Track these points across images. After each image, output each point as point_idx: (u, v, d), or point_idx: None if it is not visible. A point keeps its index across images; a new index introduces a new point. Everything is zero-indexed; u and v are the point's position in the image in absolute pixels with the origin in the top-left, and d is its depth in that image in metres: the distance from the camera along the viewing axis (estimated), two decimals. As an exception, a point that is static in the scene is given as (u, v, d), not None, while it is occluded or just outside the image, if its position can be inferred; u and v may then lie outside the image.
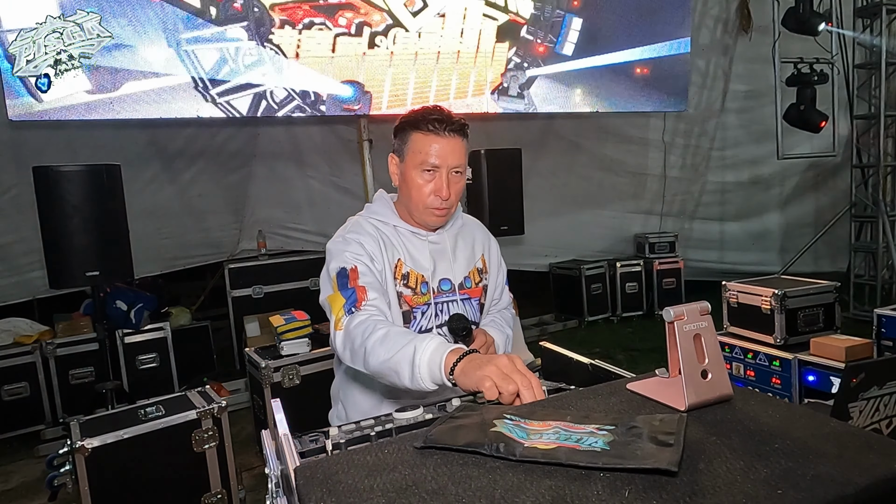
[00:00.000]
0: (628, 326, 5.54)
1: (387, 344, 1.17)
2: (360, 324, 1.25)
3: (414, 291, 1.44)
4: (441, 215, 1.44)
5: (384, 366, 1.17)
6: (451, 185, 1.41)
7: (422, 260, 1.46)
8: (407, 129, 1.41)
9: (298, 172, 5.02)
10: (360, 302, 1.29)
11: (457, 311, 1.47)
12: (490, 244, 1.64)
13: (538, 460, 0.65)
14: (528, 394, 0.95)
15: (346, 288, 1.31)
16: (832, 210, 5.92)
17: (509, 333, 1.61)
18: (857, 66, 5.41)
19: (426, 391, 1.13)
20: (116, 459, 2.11)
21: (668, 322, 0.80)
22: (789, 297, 2.74)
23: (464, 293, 1.51)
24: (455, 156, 1.39)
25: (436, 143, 1.37)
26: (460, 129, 1.40)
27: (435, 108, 1.41)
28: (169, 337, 4.01)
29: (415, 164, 1.39)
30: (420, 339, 1.13)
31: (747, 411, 0.78)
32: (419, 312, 1.44)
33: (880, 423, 1.33)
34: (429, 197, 1.40)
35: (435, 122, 1.37)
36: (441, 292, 1.47)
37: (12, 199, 3.94)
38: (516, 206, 4.32)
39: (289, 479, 0.72)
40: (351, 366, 1.29)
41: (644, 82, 4.98)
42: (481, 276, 1.56)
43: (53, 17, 3.06)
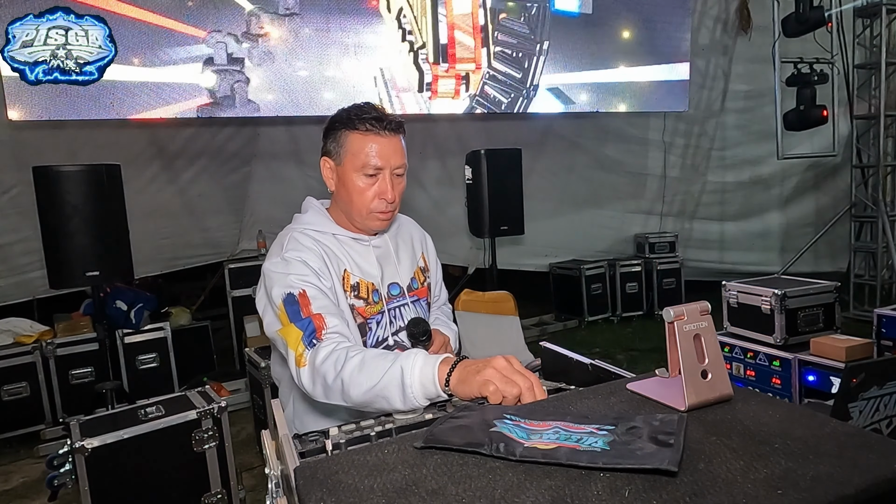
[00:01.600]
0: (628, 326, 5.54)
1: (366, 371, 1.08)
2: (327, 356, 1.14)
3: (366, 302, 1.36)
4: (386, 219, 1.38)
5: (370, 394, 1.08)
6: (395, 186, 1.34)
7: (368, 267, 1.39)
8: (341, 129, 1.34)
9: (298, 172, 5.01)
10: (320, 331, 1.17)
11: (410, 316, 1.42)
12: (426, 241, 1.59)
13: (538, 460, 0.65)
14: (530, 394, 0.94)
15: (299, 318, 1.19)
16: (832, 210, 5.92)
17: (455, 329, 1.58)
18: (857, 66, 5.41)
19: (419, 409, 1.06)
20: (116, 459, 2.10)
21: (668, 322, 0.80)
22: (789, 297, 2.74)
23: (413, 295, 1.46)
24: (397, 155, 1.33)
25: (375, 143, 1.30)
26: (398, 127, 1.34)
27: (369, 105, 1.34)
28: (169, 337, 4.00)
29: (355, 167, 1.32)
30: (404, 358, 1.07)
31: (747, 411, 0.78)
32: (374, 322, 1.37)
33: (880, 423, 1.33)
34: (373, 201, 1.33)
35: (373, 120, 1.30)
36: (392, 297, 1.41)
37: (12, 199, 3.94)
38: (516, 206, 4.32)
39: (289, 479, 0.72)
40: (325, 402, 1.17)
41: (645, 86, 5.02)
42: (425, 275, 1.52)
43: (65, 16, 3.06)
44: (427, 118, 4.69)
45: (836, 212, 5.71)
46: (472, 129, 5.33)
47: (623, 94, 5.05)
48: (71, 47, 3.07)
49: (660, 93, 5.20)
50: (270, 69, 3.82)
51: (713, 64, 5.79)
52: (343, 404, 1.14)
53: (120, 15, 3.21)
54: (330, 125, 1.37)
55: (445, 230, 5.13)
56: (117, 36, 3.19)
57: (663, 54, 5.14)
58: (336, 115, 1.37)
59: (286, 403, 1.47)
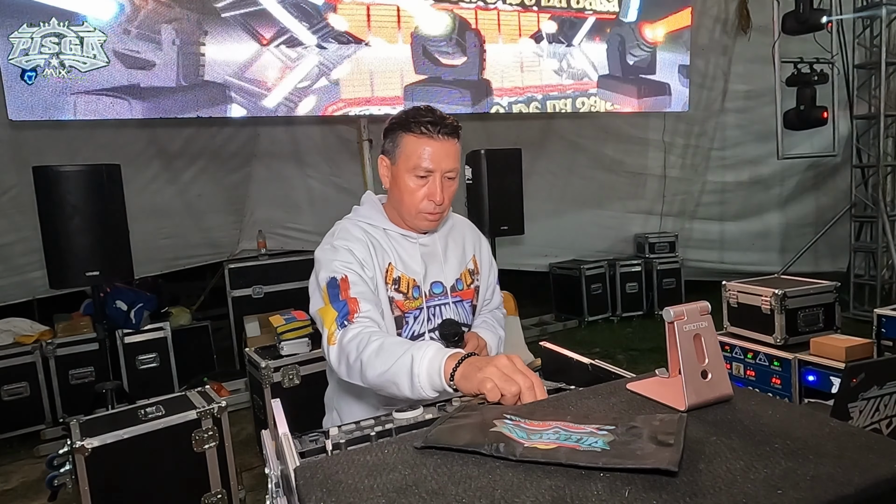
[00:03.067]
0: (628, 326, 5.54)
1: (382, 356, 1.15)
2: (353, 337, 1.22)
3: (405, 296, 1.41)
4: (434, 220, 1.42)
5: (382, 378, 1.15)
6: (445, 189, 1.37)
7: (412, 264, 1.44)
8: (398, 130, 1.37)
9: (298, 172, 5.02)
10: (353, 314, 1.26)
11: (449, 315, 1.46)
12: (481, 244, 1.61)
13: (538, 460, 0.65)
14: (530, 394, 0.94)
15: (337, 300, 1.28)
16: (832, 210, 5.92)
17: (501, 334, 1.60)
18: (857, 66, 5.41)
19: (427, 399, 1.11)
20: (116, 459, 2.10)
21: (668, 322, 0.80)
22: (789, 297, 2.74)
23: (456, 296, 1.49)
24: (449, 159, 1.36)
25: (428, 146, 1.34)
26: (454, 131, 1.37)
27: (427, 108, 1.37)
28: (169, 337, 4.00)
29: (407, 168, 1.35)
30: (417, 348, 1.11)
31: (747, 411, 0.78)
32: (411, 317, 1.42)
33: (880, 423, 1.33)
34: (422, 202, 1.37)
35: (428, 124, 1.33)
36: (433, 296, 1.45)
37: (12, 199, 3.94)
38: (516, 206, 4.32)
39: (289, 479, 0.72)
40: (347, 380, 1.26)
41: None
42: (473, 278, 1.54)
43: (58, 22, 3.07)
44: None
45: (836, 212, 5.71)
46: (471, 129, 5.33)
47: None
48: (64, 56, 3.09)
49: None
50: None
51: (713, 64, 5.78)
52: (362, 384, 1.22)
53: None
54: (389, 126, 1.40)
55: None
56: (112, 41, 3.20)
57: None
58: (395, 116, 1.41)
59: (330, 380, 1.58)
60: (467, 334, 1.47)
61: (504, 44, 4.37)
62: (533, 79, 4.52)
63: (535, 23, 4.48)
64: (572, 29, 4.64)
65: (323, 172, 5.03)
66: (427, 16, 4.05)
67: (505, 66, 4.38)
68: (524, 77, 4.48)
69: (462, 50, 4.20)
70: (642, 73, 4.99)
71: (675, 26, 5.11)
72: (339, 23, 3.78)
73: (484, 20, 4.27)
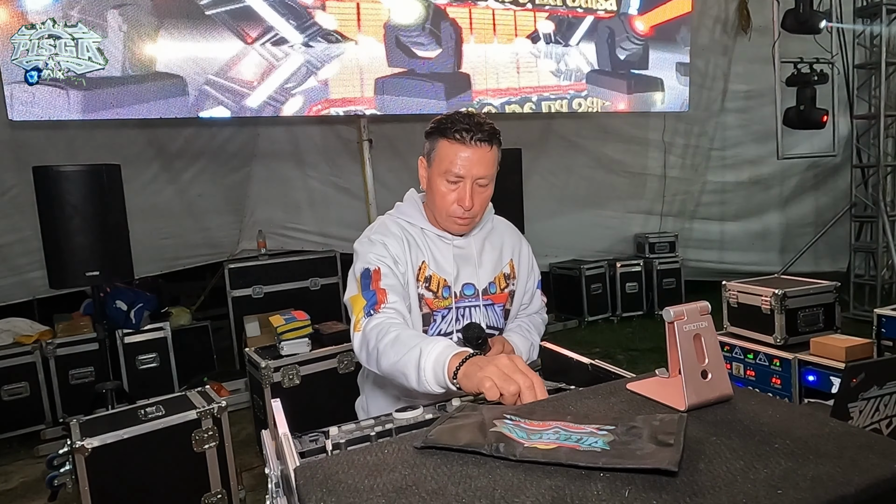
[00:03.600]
0: (628, 326, 5.54)
1: (396, 346, 1.19)
2: (375, 326, 1.27)
3: (435, 295, 1.44)
4: (463, 224, 1.43)
5: (393, 368, 1.19)
6: (476, 195, 1.39)
7: (445, 264, 1.46)
8: (435, 134, 1.39)
9: (298, 172, 5.01)
10: (380, 304, 1.31)
11: (477, 318, 1.47)
12: (521, 248, 1.61)
13: (538, 460, 0.65)
14: (530, 394, 0.95)
15: (367, 289, 1.33)
16: (832, 210, 5.92)
17: (535, 340, 1.58)
18: (857, 66, 5.41)
19: (433, 394, 1.13)
20: (116, 459, 2.10)
21: (668, 322, 0.80)
22: (789, 297, 2.74)
23: (487, 299, 1.50)
24: (481, 166, 1.36)
25: (462, 152, 1.35)
26: (490, 139, 1.36)
27: (467, 113, 1.38)
28: (169, 337, 4.00)
29: (440, 171, 1.38)
30: (426, 342, 1.14)
31: (747, 411, 0.78)
32: (439, 316, 1.45)
33: (880, 423, 1.33)
34: (451, 206, 1.39)
35: (463, 130, 1.34)
36: (464, 297, 1.47)
37: (12, 199, 3.94)
38: (516, 206, 4.32)
39: (289, 479, 0.72)
40: (367, 367, 1.32)
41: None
42: (508, 282, 1.54)
43: (55, 22, 3.07)
44: (427, 118, 4.69)
45: (836, 212, 5.71)
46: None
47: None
48: (60, 57, 3.09)
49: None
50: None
51: (713, 64, 5.78)
52: (377, 372, 1.28)
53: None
54: (430, 129, 1.42)
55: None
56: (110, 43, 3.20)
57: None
58: (435, 120, 1.42)
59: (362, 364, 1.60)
60: (495, 338, 1.47)
61: (500, 44, 4.34)
62: (530, 80, 4.49)
63: (532, 22, 4.45)
64: (570, 29, 4.62)
65: (323, 172, 5.03)
66: (399, 3, 3.94)
67: (499, 66, 4.34)
68: (520, 78, 4.45)
69: (437, 41, 4.08)
70: (634, 67, 4.92)
71: (675, 13, 5.02)
72: (328, 21, 3.73)
73: (478, 19, 4.22)
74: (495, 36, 4.32)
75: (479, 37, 4.24)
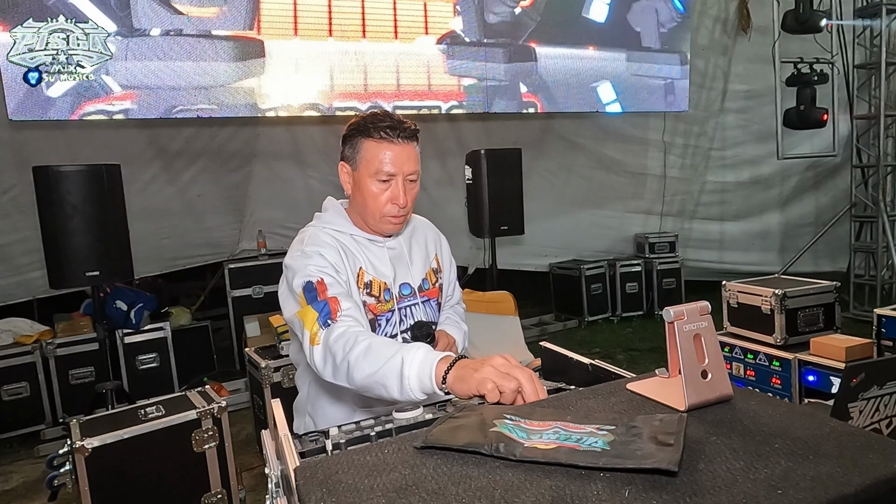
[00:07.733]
0: (628, 326, 5.54)
1: (371, 357, 1.13)
2: (339, 337, 1.20)
3: (377, 300, 1.43)
4: (398, 223, 1.43)
5: (370, 380, 1.13)
6: (407, 192, 1.39)
7: (382, 267, 1.45)
8: (357, 136, 1.38)
9: (298, 172, 5.01)
10: (335, 313, 1.24)
11: (419, 315, 1.49)
12: (441, 243, 1.65)
13: (538, 460, 0.65)
14: (530, 388, 0.94)
15: (316, 301, 1.26)
16: (832, 210, 5.92)
17: (465, 329, 1.64)
18: (857, 66, 5.41)
19: (415, 402, 1.10)
20: (116, 459, 2.10)
21: (668, 322, 0.80)
22: (789, 297, 2.74)
23: (423, 295, 1.52)
24: (409, 162, 1.38)
25: (389, 150, 1.35)
26: (412, 135, 1.39)
27: (385, 113, 1.39)
28: (169, 337, 4.00)
29: (369, 172, 1.37)
30: (406, 350, 1.11)
31: (747, 411, 0.78)
32: (384, 320, 1.44)
33: (880, 423, 1.33)
34: (385, 205, 1.38)
35: (387, 129, 1.35)
36: (402, 297, 1.48)
37: (12, 199, 3.94)
38: (516, 206, 4.32)
39: (289, 479, 0.72)
40: (332, 381, 1.23)
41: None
42: (437, 276, 1.58)
43: (65, 18, 3.07)
44: (427, 118, 4.69)
45: (836, 212, 5.71)
46: (471, 129, 5.33)
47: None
48: (72, 52, 3.08)
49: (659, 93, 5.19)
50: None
51: (713, 64, 5.78)
52: (348, 386, 1.20)
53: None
54: (348, 132, 1.41)
55: (445, 230, 5.01)
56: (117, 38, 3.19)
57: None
58: (353, 123, 1.41)
59: (301, 386, 1.55)
60: (437, 333, 1.50)
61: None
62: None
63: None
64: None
65: (323, 172, 5.02)
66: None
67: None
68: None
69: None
70: (504, 35, 4.47)
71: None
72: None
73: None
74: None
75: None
